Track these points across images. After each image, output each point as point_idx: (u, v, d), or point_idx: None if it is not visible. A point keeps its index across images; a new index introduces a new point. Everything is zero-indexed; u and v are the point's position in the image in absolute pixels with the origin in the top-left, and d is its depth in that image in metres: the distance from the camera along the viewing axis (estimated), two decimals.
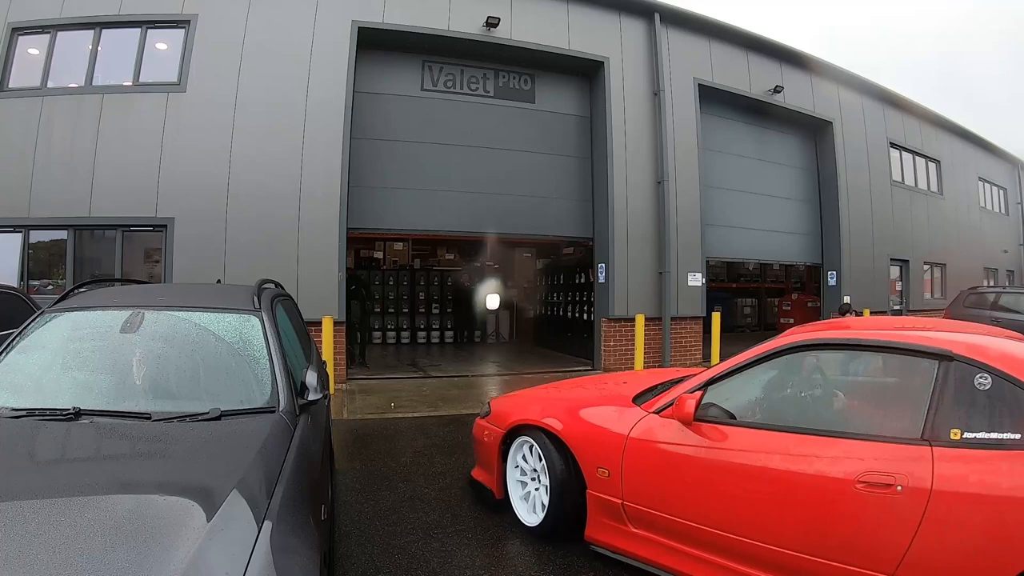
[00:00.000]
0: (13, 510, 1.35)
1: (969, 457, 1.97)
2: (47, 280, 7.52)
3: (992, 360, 2.08)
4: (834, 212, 12.09)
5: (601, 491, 2.88)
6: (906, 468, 2.02)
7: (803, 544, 2.21)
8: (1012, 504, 1.82)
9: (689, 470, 2.59)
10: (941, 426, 2.06)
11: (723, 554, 2.45)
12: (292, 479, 1.66)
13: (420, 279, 13.12)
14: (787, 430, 2.38)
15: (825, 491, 2.17)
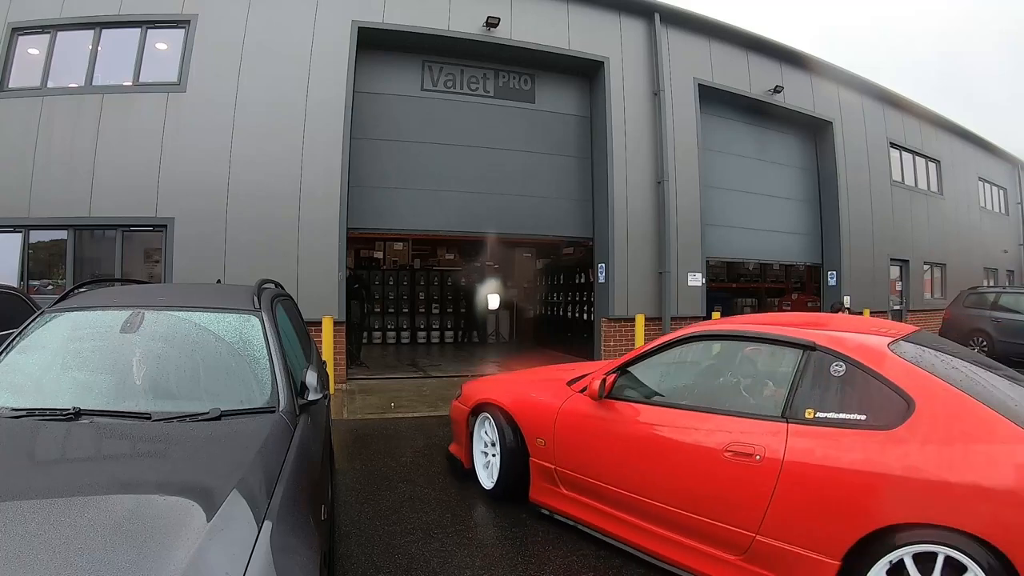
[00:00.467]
0: (13, 510, 1.35)
1: (819, 434, 2.27)
2: (47, 280, 7.52)
3: (848, 350, 2.39)
4: (834, 212, 12.09)
5: (540, 458, 3.35)
6: (765, 441, 2.35)
7: (686, 503, 2.59)
8: (854, 476, 2.10)
9: (600, 439, 3.04)
10: (799, 406, 2.39)
11: (630, 512, 2.86)
12: (292, 479, 1.66)
13: (420, 279, 13.12)
14: (675, 406, 2.81)
15: (700, 458, 2.54)
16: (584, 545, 3.01)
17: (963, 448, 2.03)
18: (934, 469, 2.02)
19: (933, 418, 2.13)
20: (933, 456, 2.05)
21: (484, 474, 3.78)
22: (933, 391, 2.20)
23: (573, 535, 3.11)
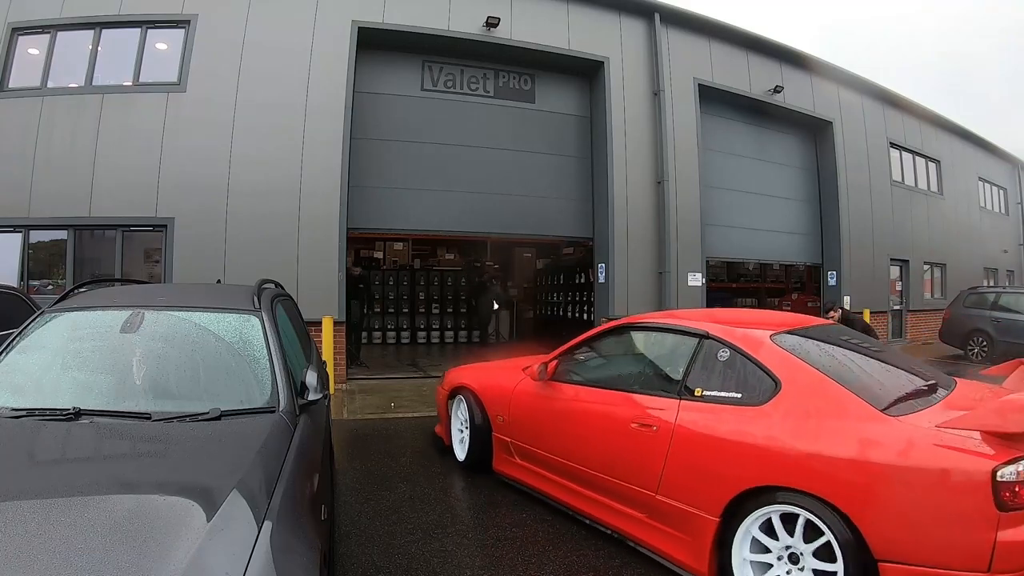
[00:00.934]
0: (13, 510, 1.35)
1: (703, 408, 2.68)
2: (47, 280, 7.52)
3: (732, 339, 2.77)
4: (834, 212, 12.09)
5: (500, 433, 3.91)
6: (661, 415, 2.79)
7: (606, 468, 3.04)
8: (728, 445, 2.49)
9: (542, 416, 3.55)
10: (691, 385, 2.81)
11: (567, 477, 3.32)
12: (292, 479, 1.66)
13: (420, 279, 13.12)
14: (599, 386, 3.31)
15: (615, 430, 2.99)
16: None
17: (816, 422, 2.34)
18: (791, 440, 2.33)
19: (795, 396, 2.46)
20: (791, 429, 2.37)
21: (459, 448, 4.35)
22: (797, 374, 2.52)
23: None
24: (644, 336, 3.50)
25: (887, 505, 2.11)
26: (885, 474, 2.12)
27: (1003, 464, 1.95)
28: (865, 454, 2.17)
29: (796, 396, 2.45)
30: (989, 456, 1.99)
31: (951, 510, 2.01)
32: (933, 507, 2.04)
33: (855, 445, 2.20)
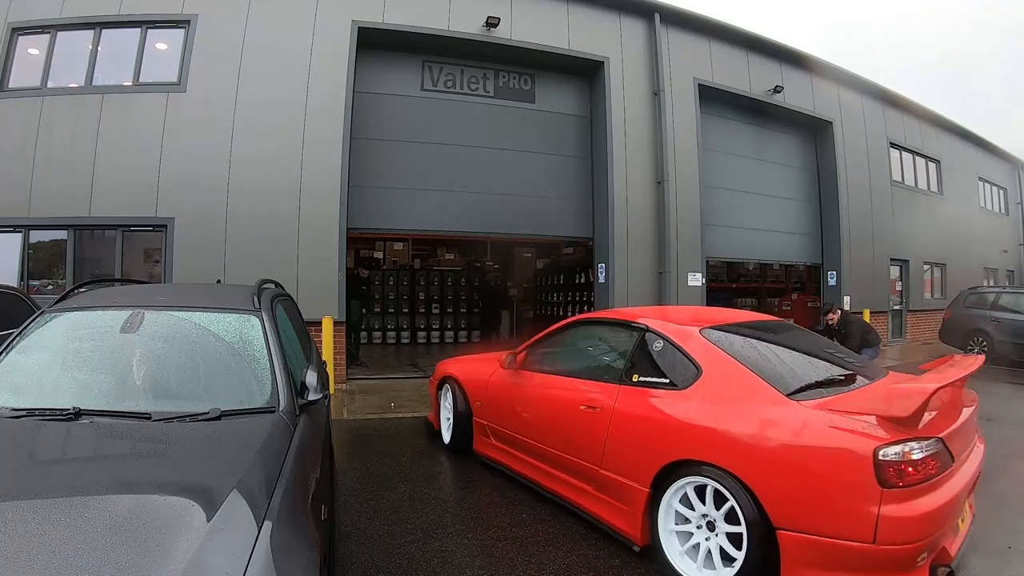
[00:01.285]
0: (13, 510, 1.35)
1: (638, 392, 3.03)
2: (47, 280, 7.52)
3: (666, 331, 3.11)
4: (834, 212, 12.09)
5: (479, 417, 4.34)
6: (604, 398, 3.15)
7: (563, 446, 3.39)
8: (655, 424, 2.83)
9: (513, 400, 3.94)
10: (630, 372, 3.16)
11: (532, 455, 3.68)
12: (292, 479, 1.66)
13: (420, 279, 13.12)
14: (558, 374, 3.71)
15: (569, 411, 3.36)
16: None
17: (728, 404, 2.62)
18: (705, 419, 2.64)
19: (712, 382, 2.76)
20: (706, 409, 2.67)
21: (445, 432, 4.81)
22: (717, 362, 2.82)
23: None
24: (596, 329, 3.94)
25: (783, 479, 2.33)
26: (782, 451, 2.36)
27: (885, 445, 2.16)
28: (765, 432, 2.43)
29: (714, 381, 2.77)
30: (873, 437, 2.20)
31: (839, 485, 2.22)
32: (823, 482, 2.25)
33: (758, 424, 2.47)
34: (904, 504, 2.15)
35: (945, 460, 2.33)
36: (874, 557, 2.16)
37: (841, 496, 2.21)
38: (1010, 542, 3.08)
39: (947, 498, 2.27)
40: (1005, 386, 8.23)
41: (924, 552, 2.23)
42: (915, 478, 2.19)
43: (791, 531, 2.29)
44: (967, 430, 2.66)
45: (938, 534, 2.26)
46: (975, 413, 2.85)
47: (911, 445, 2.21)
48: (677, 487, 2.68)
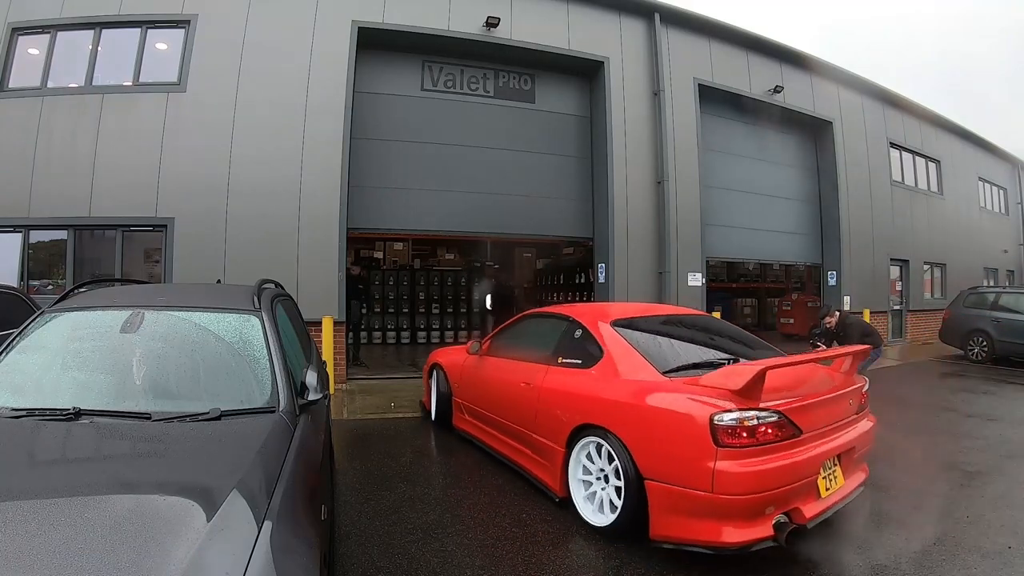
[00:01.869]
0: (13, 510, 1.35)
1: (560, 371, 3.73)
2: (47, 280, 7.52)
3: (584, 322, 3.78)
4: (834, 212, 12.09)
5: (457, 396, 5.11)
6: (537, 377, 3.86)
7: (510, 417, 4.10)
8: (567, 396, 3.50)
9: (478, 381, 4.71)
10: (556, 356, 3.86)
11: (492, 426, 4.43)
12: (292, 479, 1.66)
13: (420, 279, 13.11)
14: (509, 358, 4.41)
15: (513, 388, 4.07)
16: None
17: (618, 380, 3.25)
18: (601, 392, 3.27)
19: (610, 362, 3.38)
20: (603, 384, 3.31)
21: (434, 410, 5.58)
22: (617, 347, 3.43)
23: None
24: (540, 321, 4.57)
25: (650, 439, 2.92)
26: (649, 417, 2.96)
27: (720, 412, 2.67)
28: (640, 402, 3.03)
29: (611, 362, 3.39)
30: (713, 406, 2.71)
31: (687, 444, 2.75)
32: (677, 441, 2.80)
33: (636, 396, 3.07)
34: (736, 462, 2.62)
35: (787, 431, 2.76)
36: (714, 504, 2.64)
37: (688, 453, 2.74)
38: (1010, 542, 3.08)
39: (785, 462, 2.69)
40: (1005, 386, 8.23)
41: (770, 505, 2.67)
42: (748, 441, 2.66)
43: (655, 481, 2.86)
44: (830, 408, 3.07)
45: (778, 491, 2.67)
46: (856, 394, 3.32)
47: (747, 414, 2.67)
48: (581, 446, 3.34)
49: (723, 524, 2.65)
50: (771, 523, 2.66)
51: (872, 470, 4.33)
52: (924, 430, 5.65)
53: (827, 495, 2.94)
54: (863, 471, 3.43)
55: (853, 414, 3.27)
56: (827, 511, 2.92)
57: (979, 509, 3.57)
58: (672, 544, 2.81)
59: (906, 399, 7.23)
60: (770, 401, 2.77)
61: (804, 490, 2.80)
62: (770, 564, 2.81)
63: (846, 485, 3.13)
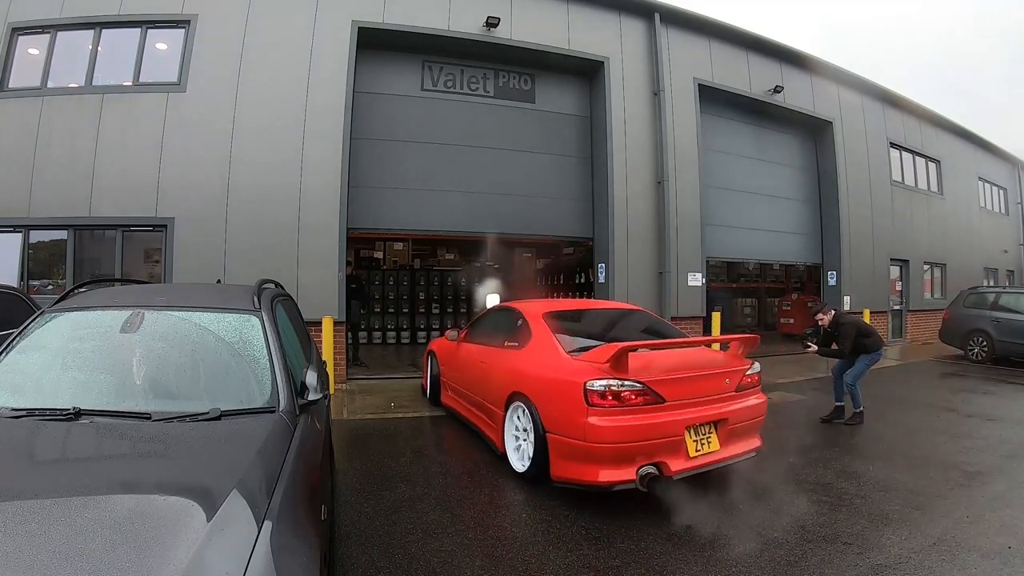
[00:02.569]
0: (13, 510, 1.35)
1: (504, 352, 4.56)
2: (47, 280, 7.52)
3: (525, 314, 4.60)
4: (834, 212, 12.09)
5: (443, 377, 6.10)
6: (490, 357, 4.75)
7: (475, 390, 5.03)
8: (507, 371, 4.33)
9: (457, 363, 5.61)
10: (504, 340, 4.68)
11: (464, 399, 5.38)
12: (292, 479, 1.66)
13: (420, 279, 13.11)
14: (477, 343, 5.22)
15: (477, 367, 4.98)
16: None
17: (537, 358, 4.12)
18: (525, 367, 4.14)
19: (535, 344, 4.24)
20: (528, 361, 4.17)
21: (428, 390, 6.61)
22: (541, 332, 4.28)
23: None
24: (500, 313, 5.42)
25: (549, 401, 3.76)
26: (550, 384, 3.80)
27: (591, 380, 3.46)
28: (545, 375, 3.89)
29: (535, 344, 4.25)
30: (588, 375, 3.50)
31: (570, 404, 3.52)
32: (564, 403, 3.58)
33: (544, 370, 3.95)
34: (602, 418, 3.39)
35: (650, 398, 3.47)
36: (588, 451, 3.41)
37: (570, 411, 3.52)
38: (1010, 542, 3.08)
39: (646, 422, 3.41)
40: (1005, 386, 8.23)
41: (637, 456, 3.38)
42: (613, 403, 3.41)
43: (553, 434, 3.68)
44: (699, 384, 3.69)
45: (640, 444, 3.38)
46: (735, 375, 3.88)
47: (612, 382, 3.44)
48: (512, 409, 4.20)
49: (597, 467, 3.41)
50: (635, 470, 3.36)
51: (872, 470, 4.34)
52: (924, 430, 5.65)
53: (697, 455, 3.56)
54: (752, 441, 3.97)
55: (731, 391, 3.82)
56: (695, 469, 3.55)
57: (979, 509, 3.57)
58: (565, 483, 3.63)
59: (906, 399, 7.23)
60: (641, 374, 3.51)
61: (670, 448, 3.46)
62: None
63: (722, 450, 3.70)
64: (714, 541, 3.08)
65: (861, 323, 6.05)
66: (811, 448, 4.97)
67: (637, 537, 3.13)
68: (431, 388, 6.44)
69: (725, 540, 3.09)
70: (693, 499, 3.53)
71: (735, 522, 3.31)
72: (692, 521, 3.30)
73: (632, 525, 3.29)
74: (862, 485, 4.01)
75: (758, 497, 3.72)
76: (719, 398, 3.74)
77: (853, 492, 3.88)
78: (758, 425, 4.02)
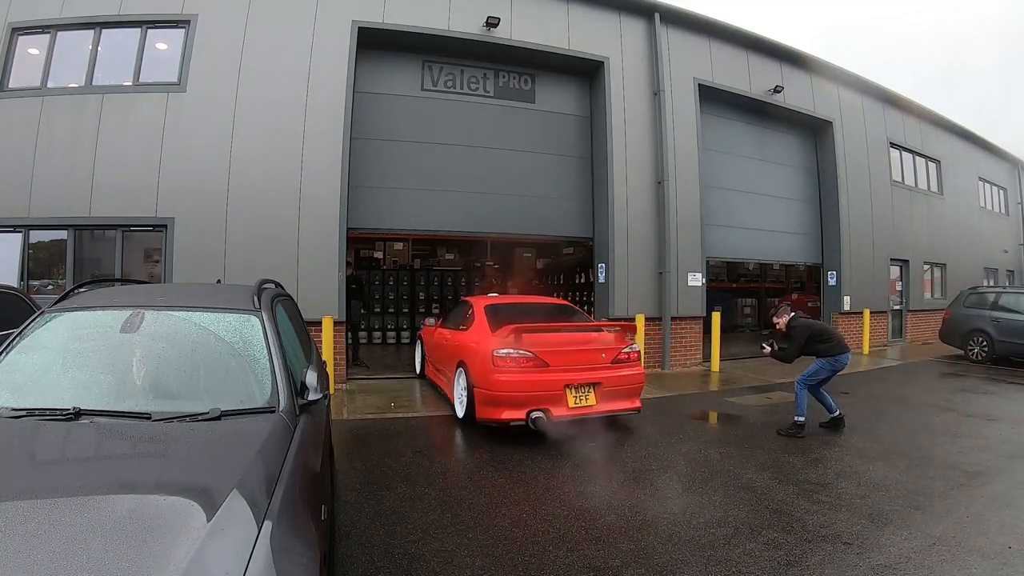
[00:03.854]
0: (13, 510, 1.35)
1: (457, 332, 6.19)
2: (47, 280, 7.51)
3: (472, 304, 6.18)
4: (834, 212, 12.09)
5: (427, 356, 7.59)
6: (450, 336, 6.38)
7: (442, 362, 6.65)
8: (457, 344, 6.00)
9: (434, 342, 7.14)
10: (458, 324, 6.29)
11: (438, 369, 6.89)
12: (292, 479, 1.66)
13: (420, 279, 13.11)
14: (447, 328, 6.65)
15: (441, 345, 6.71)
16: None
17: (474, 335, 5.55)
18: (467, 342, 5.64)
19: (474, 327, 5.69)
20: (469, 339, 5.62)
21: (418, 367, 8.17)
22: (479, 318, 5.72)
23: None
24: (461, 304, 6.93)
25: (474, 364, 5.25)
26: (476, 352, 5.28)
27: (496, 348, 4.98)
28: (474, 345, 5.40)
29: (475, 326, 5.72)
30: (494, 346, 5.01)
31: (485, 366, 5.05)
32: (484, 365, 5.07)
33: (476, 343, 5.40)
34: (502, 375, 4.93)
35: (537, 363, 4.97)
36: (495, 398, 4.96)
37: (485, 370, 5.05)
38: (1010, 542, 3.08)
39: (533, 379, 4.93)
40: (1005, 386, 8.23)
41: (527, 403, 4.89)
42: (511, 365, 4.95)
43: (477, 388, 5.18)
44: (578, 356, 5.15)
45: (529, 395, 4.89)
46: (610, 351, 5.29)
47: (509, 351, 4.97)
48: (458, 372, 5.71)
49: (501, 410, 4.96)
50: (527, 412, 4.90)
51: (872, 471, 4.34)
52: (924, 430, 5.65)
53: (575, 407, 5.04)
54: (632, 402, 5.38)
55: (607, 363, 5.24)
56: (574, 416, 5.03)
57: (979, 509, 3.57)
58: (484, 422, 5.14)
59: (906, 399, 7.23)
60: (532, 346, 5.00)
61: (553, 399, 4.96)
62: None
63: (598, 406, 5.13)
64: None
65: (818, 328, 5.68)
66: (810, 449, 4.98)
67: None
68: (421, 366, 8.05)
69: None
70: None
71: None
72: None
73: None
74: (862, 485, 4.01)
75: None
76: (596, 367, 5.16)
77: (853, 492, 3.88)
78: (637, 391, 5.44)
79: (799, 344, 5.54)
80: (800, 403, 5.44)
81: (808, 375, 5.53)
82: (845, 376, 8.80)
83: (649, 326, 9.26)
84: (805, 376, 5.55)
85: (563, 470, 4.34)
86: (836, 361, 5.47)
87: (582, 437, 5.05)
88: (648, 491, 3.88)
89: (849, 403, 6.74)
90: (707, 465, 4.48)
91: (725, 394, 7.53)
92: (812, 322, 5.81)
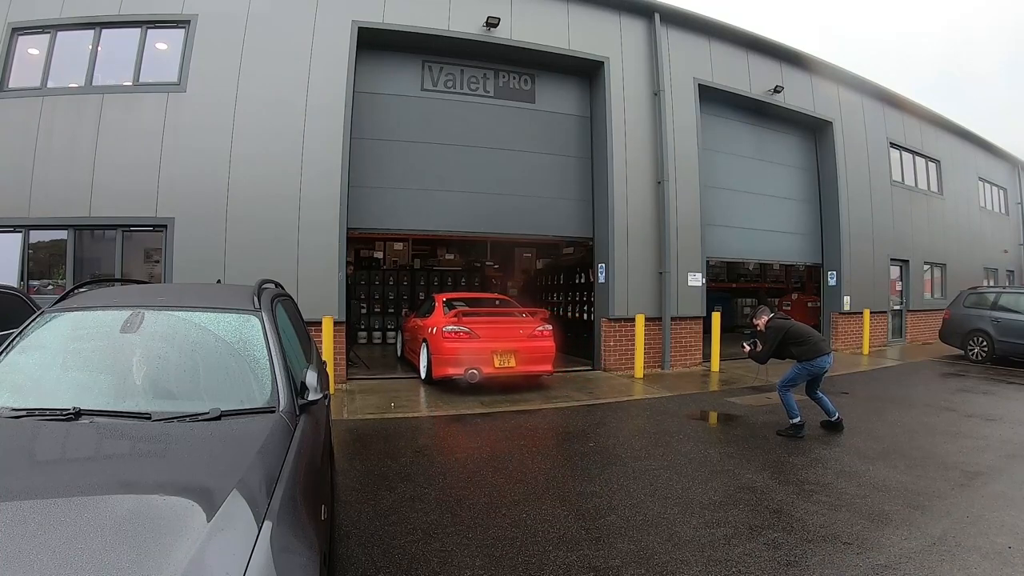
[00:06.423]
0: (13, 510, 1.35)
1: (425, 320, 8.03)
2: (47, 280, 7.52)
3: (436, 299, 8.32)
4: (834, 212, 12.09)
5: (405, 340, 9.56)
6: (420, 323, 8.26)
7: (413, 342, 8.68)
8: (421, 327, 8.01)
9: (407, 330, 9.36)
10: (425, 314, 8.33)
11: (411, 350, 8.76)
12: (292, 479, 1.66)
13: (420, 279, 13.11)
14: (417, 317, 8.75)
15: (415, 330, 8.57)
16: None
17: (434, 320, 7.65)
18: (428, 325, 7.74)
19: (433, 314, 7.88)
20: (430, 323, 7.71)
21: (399, 350, 10.16)
22: (439, 307, 7.82)
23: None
24: (427, 299, 8.81)
25: (432, 338, 7.36)
26: (435, 330, 7.36)
27: (445, 325, 7.19)
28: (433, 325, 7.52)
29: (433, 314, 7.79)
30: (445, 323, 7.24)
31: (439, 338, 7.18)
32: (437, 337, 7.23)
33: (435, 325, 7.44)
34: (448, 343, 7.04)
35: (472, 336, 7.02)
36: (443, 360, 7.05)
37: (438, 341, 7.13)
38: (1010, 542, 3.08)
39: (469, 347, 6.97)
40: (1005, 386, 8.23)
41: (464, 363, 6.92)
42: (453, 337, 7.05)
43: (434, 355, 7.21)
44: (501, 331, 7.21)
45: (465, 357, 6.93)
46: (528, 328, 7.36)
47: (453, 327, 7.08)
48: (422, 348, 7.63)
49: (447, 368, 7.00)
50: (464, 370, 6.87)
51: (872, 471, 4.34)
52: (924, 430, 5.65)
53: (499, 366, 7.01)
54: (544, 366, 7.39)
55: (524, 338, 7.22)
56: (499, 374, 7.05)
57: (979, 509, 3.57)
58: (438, 378, 7.15)
59: (906, 399, 7.23)
60: (469, 324, 7.06)
61: (483, 361, 6.94)
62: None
63: (516, 367, 7.11)
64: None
65: (795, 330, 5.49)
66: (810, 449, 4.98)
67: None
68: (400, 349, 9.97)
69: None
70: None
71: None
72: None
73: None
74: (862, 485, 4.01)
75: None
76: (515, 339, 7.17)
77: (853, 492, 3.88)
78: (549, 359, 7.37)
79: (771, 346, 5.48)
80: (788, 406, 5.38)
81: (786, 380, 5.47)
82: (845, 376, 8.80)
83: (649, 326, 9.27)
84: (783, 381, 5.50)
85: (561, 469, 4.33)
86: (812, 365, 5.34)
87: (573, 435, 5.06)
88: (648, 491, 3.88)
89: (849, 403, 6.74)
90: (707, 465, 4.49)
91: (725, 394, 7.53)
92: (788, 323, 5.66)
